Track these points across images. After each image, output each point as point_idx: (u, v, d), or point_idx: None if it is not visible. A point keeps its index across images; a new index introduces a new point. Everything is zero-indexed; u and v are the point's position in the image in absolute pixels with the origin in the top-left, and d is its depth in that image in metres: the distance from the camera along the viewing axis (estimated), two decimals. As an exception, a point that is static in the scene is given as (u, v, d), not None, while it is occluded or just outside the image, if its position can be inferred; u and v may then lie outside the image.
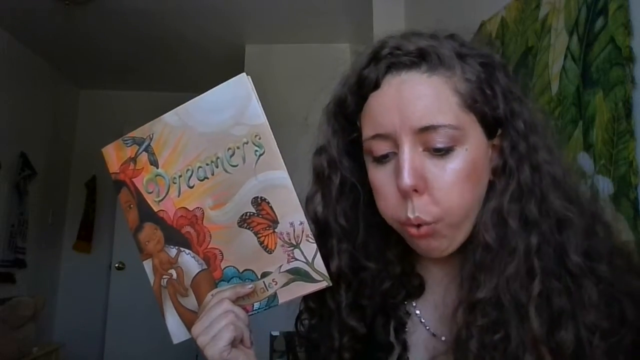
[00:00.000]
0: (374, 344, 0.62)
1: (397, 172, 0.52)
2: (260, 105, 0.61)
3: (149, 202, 0.66)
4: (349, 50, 3.30)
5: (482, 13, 1.46)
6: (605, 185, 0.91)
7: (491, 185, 0.56)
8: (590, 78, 0.97)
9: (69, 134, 4.17)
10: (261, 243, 0.61)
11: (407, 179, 0.51)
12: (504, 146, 0.56)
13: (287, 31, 3.14)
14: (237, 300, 0.62)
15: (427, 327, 0.61)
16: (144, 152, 0.66)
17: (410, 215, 0.52)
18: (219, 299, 0.60)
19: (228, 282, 0.63)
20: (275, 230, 0.61)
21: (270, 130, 0.60)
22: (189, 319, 0.65)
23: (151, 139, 0.65)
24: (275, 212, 0.60)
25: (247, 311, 0.63)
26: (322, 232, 0.63)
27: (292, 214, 0.60)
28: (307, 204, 0.64)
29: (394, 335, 0.61)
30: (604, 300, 0.51)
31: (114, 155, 0.68)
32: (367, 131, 0.56)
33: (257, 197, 0.61)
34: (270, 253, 0.61)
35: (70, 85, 4.16)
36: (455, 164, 0.52)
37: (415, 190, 0.52)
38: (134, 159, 0.66)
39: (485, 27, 1.45)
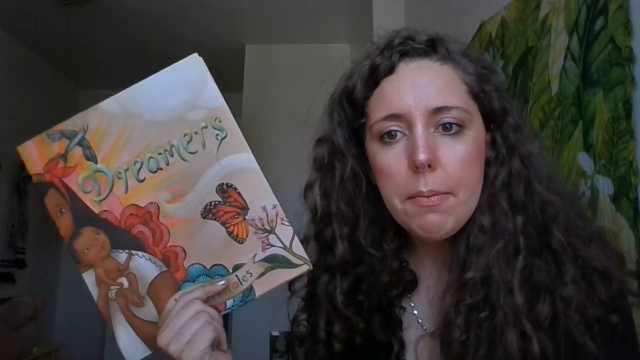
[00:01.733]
0: (372, 343, 0.62)
1: (412, 149, 0.55)
2: (217, 87, 0.56)
3: (87, 203, 0.58)
4: (349, 50, 3.30)
5: (482, 13, 1.46)
6: (605, 185, 0.91)
7: (485, 175, 0.60)
8: (590, 78, 0.97)
9: (69, 134, 4.17)
10: (230, 233, 0.56)
11: (423, 154, 0.53)
12: (496, 138, 0.60)
13: (287, 31, 3.14)
14: (207, 300, 0.57)
15: (420, 321, 0.63)
16: (76, 147, 0.58)
17: (423, 189, 0.54)
18: (186, 302, 0.55)
19: (194, 282, 0.57)
20: (246, 217, 0.56)
21: (230, 112, 0.56)
22: (146, 331, 0.58)
23: (85, 131, 0.57)
24: (244, 197, 0.56)
25: (219, 311, 0.57)
26: (323, 220, 0.63)
27: (263, 198, 0.56)
28: (305, 192, 0.64)
29: (392, 334, 0.61)
30: (580, 275, 0.54)
31: (35, 153, 0.59)
32: (379, 113, 0.58)
33: (222, 183, 0.56)
34: (242, 243, 0.56)
35: (70, 85, 4.16)
36: (463, 145, 0.56)
37: (429, 166, 0.54)
38: (63, 156, 0.58)
39: (485, 27, 1.45)
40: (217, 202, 0.56)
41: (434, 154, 0.54)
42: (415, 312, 0.63)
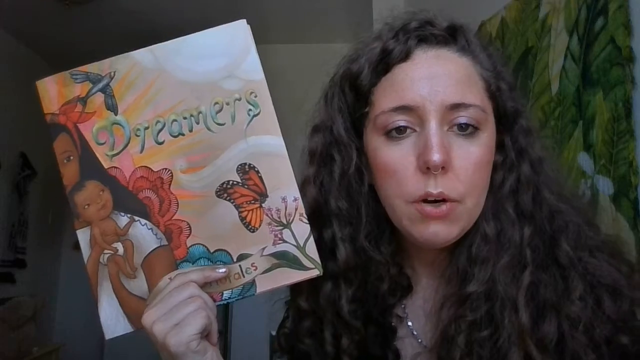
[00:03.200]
0: (366, 354, 0.57)
1: (424, 147, 0.49)
2: (259, 59, 0.52)
3: (98, 155, 0.53)
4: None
5: (482, 13, 1.46)
6: (605, 185, 0.91)
7: (490, 180, 0.55)
8: (590, 78, 0.97)
9: (69, 134, 4.17)
10: (243, 219, 0.51)
11: (438, 154, 0.48)
12: (505, 141, 0.55)
13: (287, 31, 3.14)
14: (203, 287, 0.51)
15: (415, 333, 0.58)
16: (99, 93, 0.53)
17: (433, 191, 0.49)
18: (181, 282, 0.50)
19: (193, 263, 0.52)
20: (263, 205, 0.51)
21: (268, 90, 0.52)
22: (132, 307, 0.52)
23: (111, 78, 0.53)
24: (265, 183, 0.51)
25: (214, 301, 0.52)
26: (320, 218, 0.56)
27: (285, 188, 0.51)
28: (304, 188, 0.57)
29: (386, 345, 0.57)
30: (588, 292, 0.50)
31: (53, 91, 0.54)
32: (388, 103, 0.52)
33: (245, 163, 0.51)
34: (253, 232, 0.51)
35: (70, 85, 4.17)
36: (477, 148, 0.51)
37: (442, 167, 0.49)
38: (83, 99, 0.53)
39: (485, 27, 1.45)
40: (235, 183, 0.51)
41: (448, 155, 0.49)
42: (410, 323, 0.58)
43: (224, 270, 0.51)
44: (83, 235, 0.53)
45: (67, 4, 2.74)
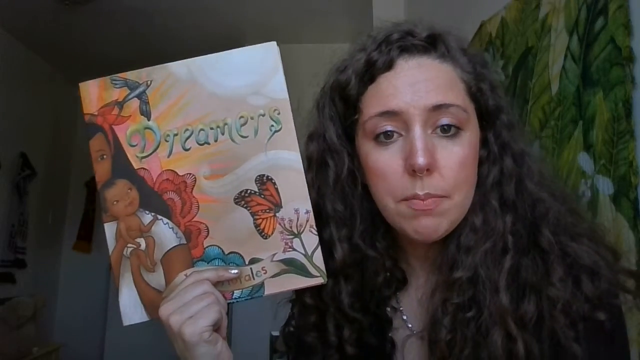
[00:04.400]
0: (362, 345, 0.60)
1: (410, 152, 0.53)
2: (285, 80, 0.57)
3: (129, 156, 0.57)
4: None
5: (482, 13, 1.46)
6: (605, 185, 0.91)
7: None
8: (590, 78, 0.97)
9: (69, 134, 4.17)
10: (257, 226, 0.56)
11: (422, 158, 0.52)
12: (489, 137, 0.59)
13: (287, 31, 3.14)
14: (216, 285, 0.55)
15: (405, 317, 0.62)
16: (135, 99, 0.57)
17: (420, 192, 0.53)
18: (196, 279, 0.54)
19: (208, 263, 0.56)
20: (277, 214, 0.56)
21: (290, 109, 0.56)
22: (150, 298, 0.57)
23: (148, 86, 0.57)
24: (281, 195, 0.56)
25: (225, 299, 0.56)
26: (319, 220, 0.59)
27: (299, 201, 0.56)
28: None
29: (382, 335, 0.61)
30: (567, 273, 0.53)
31: (95, 94, 0.59)
32: (374, 109, 0.56)
33: (263, 175, 0.56)
34: (266, 238, 0.56)
35: (70, 85, 4.16)
36: (460, 147, 0.54)
37: (427, 169, 0.52)
38: (120, 104, 0.58)
39: (485, 27, 1.45)
40: (252, 192, 0.56)
41: (432, 157, 0.53)
42: (404, 314, 0.63)
43: (236, 271, 0.56)
44: (110, 229, 0.58)
45: (67, 4, 2.74)
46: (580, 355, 0.50)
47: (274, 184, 0.56)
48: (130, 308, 0.57)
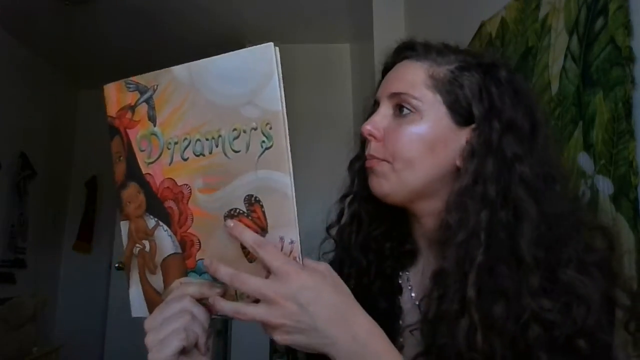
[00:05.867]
0: (373, 307, 0.64)
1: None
2: (282, 88, 0.51)
3: (139, 160, 0.58)
4: (349, 50, 3.30)
5: (482, 13, 1.46)
6: (605, 185, 0.91)
7: (458, 171, 0.64)
8: (590, 78, 0.97)
9: (69, 134, 4.17)
10: (243, 248, 0.53)
11: (366, 125, 0.67)
12: (473, 136, 0.64)
13: (287, 31, 3.14)
14: (201, 299, 0.55)
15: (413, 295, 0.69)
16: (144, 104, 0.58)
17: (367, 152, 0.67)
18: (180, 294, 0.55)
19: (200, 275, 0.56)
20: None
21: (286, 123, 0.51)
22: (151, 298, 0.59)
23: (154, 91, 0.57)
24: (267, 219, 0.52)
25: (211, 312, 0.56)
26: (349, 186, 0.75)
27: (284, 228, 0.52)
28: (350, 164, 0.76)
29: (392, 299, 0.68)
30: (551, 291, 0.54)
31: (114, 97, 0.60)
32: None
33: (252, 195, 0.53)
34: (251, 262, 0.54)
35: (70, 85, 4.16)
36: (409, 125, 0.65)
37: (373, 137, 0.66)
38: (132, 108, 0.58)
39: (485, 27, 1.45)
40: (241, 212, 0.53)
41: (377, 128, 0.66)
42: (410, 282, 0.71)
43: (219, 290, 0.54)
44: (124, 227, 0.61)
45: (67, 3, 2.74)
46: None
47: (262, 206, 0.52)
48: (137, 302, 0.60)
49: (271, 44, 0.51)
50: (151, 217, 0.58)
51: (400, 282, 0.71)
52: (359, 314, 0.53)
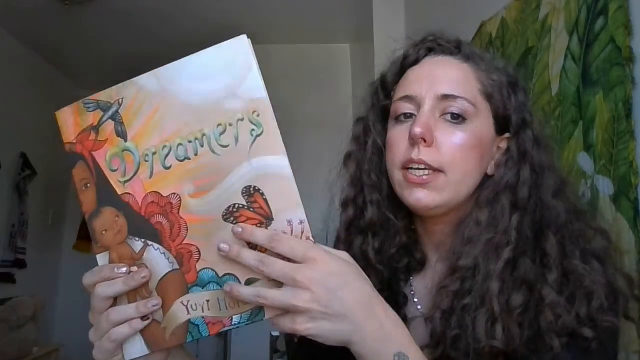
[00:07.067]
0: None
1: (412, 124, 0.61)
2: (261, 76, 0.51)
3: (112, 182, 0.54)
4: (349, 50, 3.30)
5: (482, 13, 1.46)
6: (605, 185, 0.91)
7: (490, 178, 0.64)
8: (590, 78, 0.97)
9: (69, 134, 4.17)
10: (249, 242, 0.51)
11: (417, 127, 0.59)
12: (510, 145, 0.64)
13: (287, 31, 3.14)
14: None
15: (415, 300, 0.68)
16: (109, 120, 0.54)
17: (415, 157, 0.60)
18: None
19: (203, 287, 0.52)
20: (268, 228, 0.51)
21: (271, 107, 0.51)
22: (149, 330, 0.53)
23: (120, 105, 0.53)
24: (270, 206, 0.51)
25: (224, 325, 0.52)
26: (356, 186, 0.70)
27: (290, 210, 0.50)
28: (345, 161, 0.73)
29: (397, 309, 0.62)
30: (563, 282, 0.56)
31: (70, 121, 0.55)
32: (398, 94, 0.66)
33: (250, 186, 0.50)
34: None
35: (70, 85, 4.16)
36: (462, 132, 0.61)
37: (424, 140, 0.60)
38: (95, 128, 0.54)
39: (485, 27, 1.45)
40: (240, 206, 0.51)
41: (429, 131, 0.60)
42: (414, 291, 0.69)
43: (144, 274, 0.52)
44: (102, 260, 0.55)
45: (67, 3, 2.74)
46: (558, 352, 0.53)
47: (262, 194, 0.50)
48: (129, 341, 0.53)
49: (244, 35, 0.51)
50: (135, 239, 0.53)
51: (403, 289, 0.69)
52: (384, 304, 0.52)
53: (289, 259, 0.49)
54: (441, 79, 0.63)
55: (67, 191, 4.18)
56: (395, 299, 0.66)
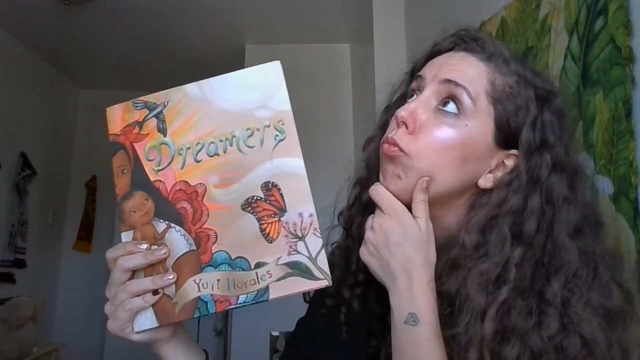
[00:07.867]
0: (368, 311, 0.67)
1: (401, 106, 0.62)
2: (287, 93, 0.61)
3: (147, 169, 0.62)
4: (349, 50, 3.30)
5: (482, 13, 1.46)
6: (605, 185, 0.91)
7: (487, 194, 0.60)
8: (590, 78, 0.97)
9: (69, 134, 4.17)
10: (262, 230, 0.58)
11: (403, 111, 0.60)
12: (520, 166, 0.59)
13: (287, 31, 3.14)
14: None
15: None
16: (153, 118, 0.63)
17: (390, 135, 0.60)
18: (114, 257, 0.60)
19: (216, 268, 0.59)
20: (281, 219, 0.58)
21: (293, 119, 0.60)
22: (160, 305, 0.59)
23: (165, 106, 0.63)
24: (285, 200, 0.58)
25: (230, 304, 0.58)
26: (369, 170, 0.70)
27: (302, 205, 0.58)
28: (365, 145, 0.73)
29: (385, 306, 0.62)
30: (561, 334, 0.52)
31: (118, 116, 0.64)
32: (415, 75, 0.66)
33: (268, 182, 0.59)
34: (271, 242, 0.58)
35: (70, 85, 4.16)
36: (451, 128, 0.59)
37: (406, 126, 0.60)
38: (140, 123, 0.63)
39: (485, 27, 1.45)
40: (259, 198, 0.59)
41: (413, 118, 0.59)
42: None
43: (164, 251, 0.59)
44: (127, 237, 0.62)
45: (67, 3, 2.74)
46: None
47: (279, 189, 0.58)
48: (141, 314, 0.60)
49: (278, 61, 0.61)
50: (160, 221, 0.61)
51: None
52: (425, 273, 0.57)
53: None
54: (450, 67, 0.61)
55: (67, 191, 4.19)
56: (382, 296, 0.64)
